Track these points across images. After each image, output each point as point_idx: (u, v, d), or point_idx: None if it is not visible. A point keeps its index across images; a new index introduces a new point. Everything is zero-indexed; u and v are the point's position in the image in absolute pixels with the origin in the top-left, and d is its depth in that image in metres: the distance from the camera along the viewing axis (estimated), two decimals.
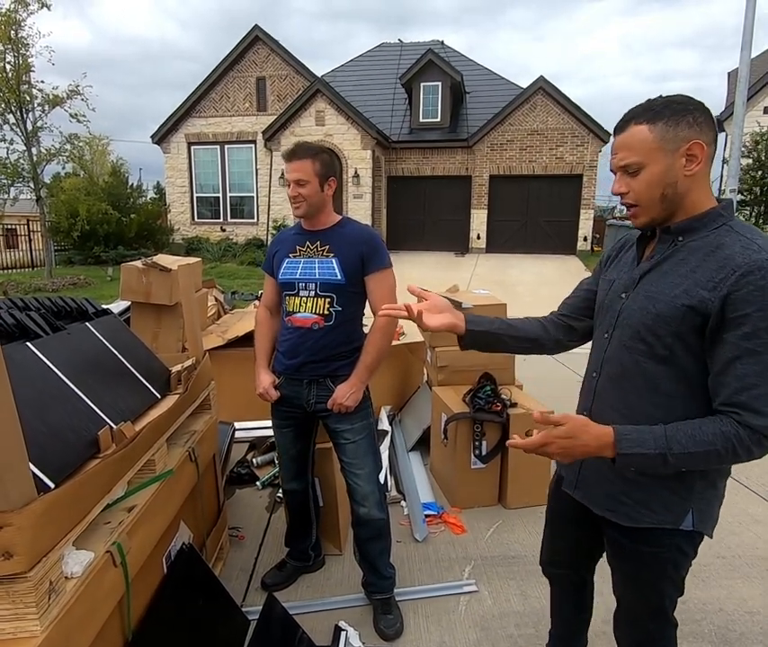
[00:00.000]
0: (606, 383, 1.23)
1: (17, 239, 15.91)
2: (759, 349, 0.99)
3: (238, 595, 2.15)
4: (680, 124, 1.06)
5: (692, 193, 1.10)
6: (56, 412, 1.52)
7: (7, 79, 9.14)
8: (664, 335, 1.10)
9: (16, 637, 1.08)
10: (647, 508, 1.17)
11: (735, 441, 1.00)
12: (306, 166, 1.85)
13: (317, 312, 1.90)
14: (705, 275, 1.05)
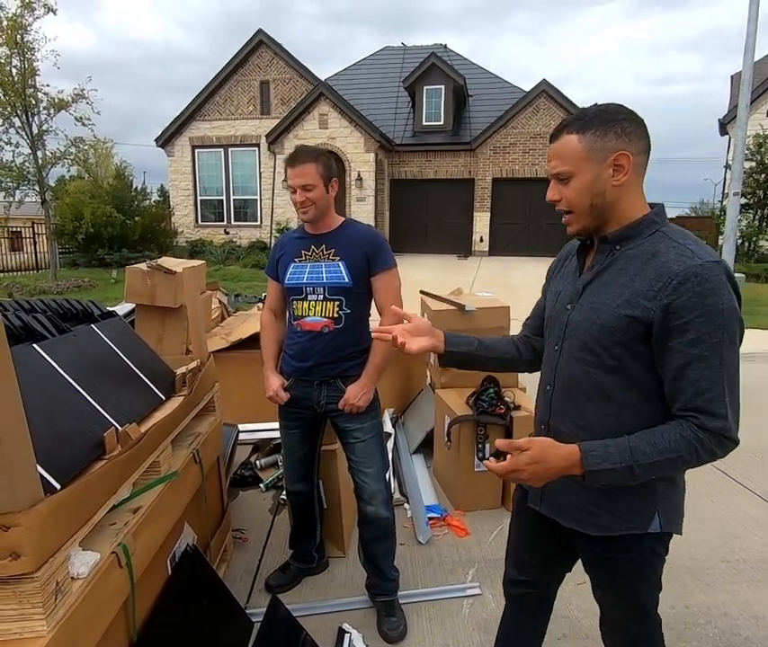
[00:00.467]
0: (560, 395, 1.23)
1: (22, 242, 16.00)
2: (706, 353, 1.01)
3: (242, 597, 2.16)
4: (608, 134, 1.07)
5: (623, 202, 1.11)
6: (62, 414, 1.53)
7: (13, 83, 9.21)
8: (610, 346, 1.11)
9: (23, 637, 1.08)
10: (615, 515, 1.17)
11: (696, 445, 1.02)
12: (310, 170, 1.86)
13: (327, 315, 1.92)
14: (644, 284, 1.06)
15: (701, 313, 1.00)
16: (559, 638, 1.98)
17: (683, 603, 2.13)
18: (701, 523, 2.71)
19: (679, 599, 2.15)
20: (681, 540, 2.57)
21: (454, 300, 3.33)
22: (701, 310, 1.00)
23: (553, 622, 2.03)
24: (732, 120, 11.92)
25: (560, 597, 2.17)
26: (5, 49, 9.15)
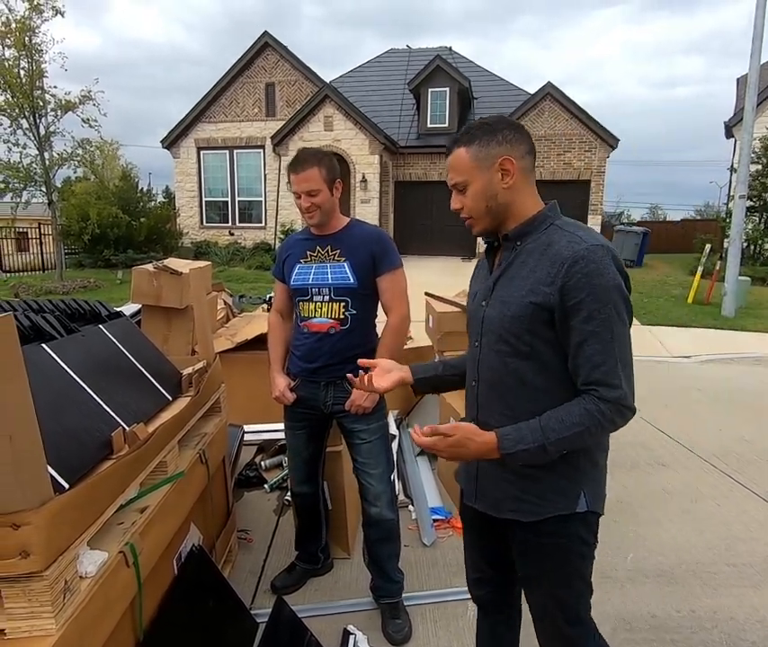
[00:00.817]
0: (485, 389, 1.29)
1: (28, 242, 16.10)
2: (598, 329, 1.09)
3: (247, 597, 2.16)
4: (491, 143, 1.19)
5: (516, 202, 1.22)
6: (70, 413, 1.54)
7: (21, 84, 9.27)
8: (522, 333, 1.18)
9: (32, 635, 1.09)
10: (544, 499, 1.21)
11: (599, 416, 1.10)
12: (314, 174, 1.87)
13: (333, 316, 1.93)
14: (543, 272, 1.15)
15: (590, 292, 1.09)
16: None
17: (689, 607, 2.12)
18: (706, 526, 2.70)
19: (684, 603, 2.14)
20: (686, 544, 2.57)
21: (459, 302, 3.33)
22: (589, 289, 1.09)
23: None
24: (738, 123, 11.87)
25: None
26: (14, 51, 9.24)
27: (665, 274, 13.35)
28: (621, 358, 1.11)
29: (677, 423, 4.14)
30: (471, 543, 1.51)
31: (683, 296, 10.06)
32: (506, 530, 1.30)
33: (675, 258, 16.57)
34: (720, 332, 7.69)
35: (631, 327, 1.17)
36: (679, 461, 3.49)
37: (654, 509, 2.89)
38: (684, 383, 5.31)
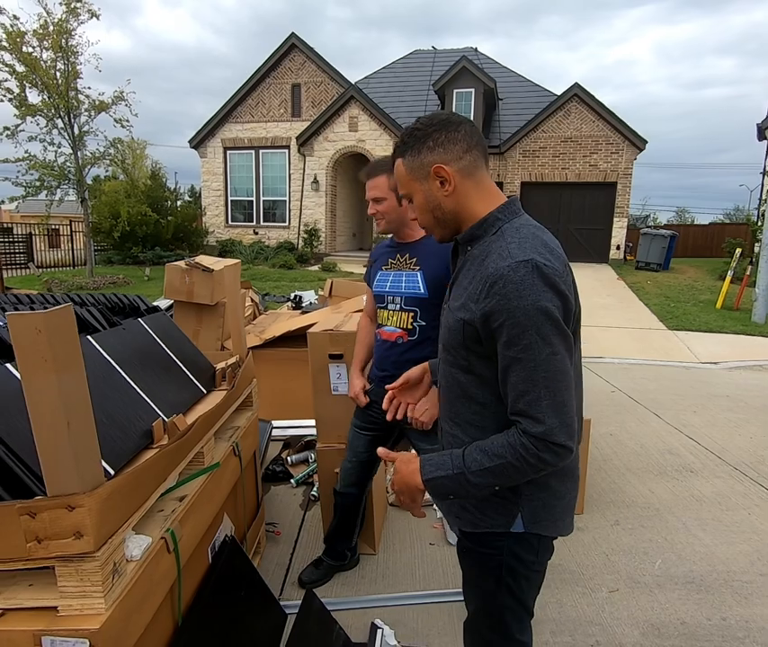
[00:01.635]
0: (442, 395, 1.26)
1: (59, 239, 16.54)
2: (520, 355, 0.99)
3: (275, 589, 2.20)
4: (421, 151, 1.09)
5: (465, 207, 1.12)
6: (114, 403, 1.60)
7: (57, 85, 9.56)
8: (457, 346, 1.12)
9: (83, 613, 1.14)
10: (483, 513, 1.18)
11: (521, 450, 1.00)
12: (381, 182, 1.88)
13: (402, 326, 1.91)
14: (476, 287, 1.05)
15: (508, 315, 0.98)
16: (593, 645, 1.96)
17: (720, 615, 2.09)
18: (737, 535, 2.66)
19: (716, 612, 2.12)
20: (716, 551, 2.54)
21: None
22: (507, 313, 0.98)
23: (585, 629, 2.04)
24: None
25: (593, 603, 2.19)
26: (51, 53, 9.51)
27: (692, 279, 13.08)
28: (548, 387, 0.98)
29: (706, 430, 4.06)
30: None
31: (711, 302, 9.84)
32: None
33: (704, 262, 16.22)
34: (750, 339, 7.50)
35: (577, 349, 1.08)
36: (708, 468, 3.42)
37: (683, 515, 2.85)
38: (713, 389, 5.20)
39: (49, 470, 1.09)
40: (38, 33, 9.32)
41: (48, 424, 1.06)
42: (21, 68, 9.31)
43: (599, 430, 3.95)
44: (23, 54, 9.20)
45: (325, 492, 2.46)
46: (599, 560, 2.47)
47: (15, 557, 1.13)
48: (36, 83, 9.39)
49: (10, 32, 9.06)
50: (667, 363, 6.18)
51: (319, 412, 2.46)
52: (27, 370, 1.03)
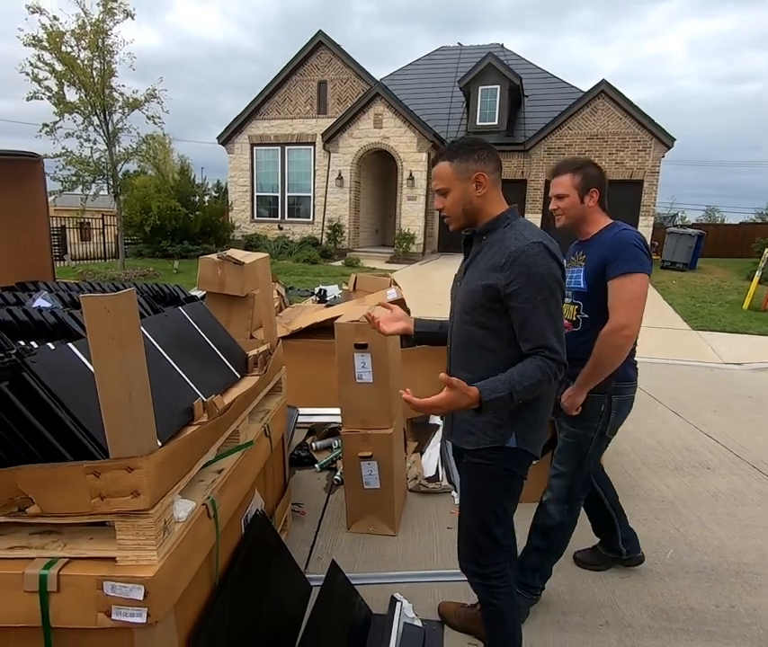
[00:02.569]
0: (455, 350, 1.65)
1: (90, 232, 17.06)
2: (539, 306, 1.42)
3: (301, 563, 2.34)
4: (468, 160, 1.52)
5: (486, 206, 1.55)
6: (158, 382, 1.73)
7: (94, 84, 9.90)
8: (478, 307, 1.53)
9: (138, 564, 1.28)
10: (485, 433, 1.57)
11: (548, 370, 1.43)
12: (565, 181, 1.98)
13: (568, 317, 2.04)
14: (495, 260, 1.48)
15: (528, 279, 1.42)
16: (602, 625, 2.05)
17: (729, 603, 2.16)
18: (752, 530, 2.70)
19: (724, 599, 2.18)
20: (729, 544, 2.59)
21: None
22: (527, 277, 1.42)
23: (595, 610, 2.14)
24: None
25: (604, 588, 2.28)
26: (88, 53, 9.85)
27: (719, 279, 12.85)
28: (556, 327, 1.46)
29: (725, 429, 4.08)
30: None
31: (738, 302, 9.69)
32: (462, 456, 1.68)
33: (732, 263, 15.88)
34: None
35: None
36: (726, 465, 3.46)
37: (698, 509, 2.90)
38: (735, 390, 5.18)
39: (113, 435, 1.24)
40: (76, 33, 9.67)
41: (113, 394, 1.21)
42: (60, 67, 9.68)
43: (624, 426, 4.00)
44: (62, 53, 9.56)
45: (348, 474, 2.59)
46: None
47: (81, 512, 1.29)
48: (74, 81, 9.75)
49: (50, 33, 9.43)
50: (690, 363, 6.15)
51: (344, 399, 2.59)
52: (97, 346, 1.18)
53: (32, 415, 1.33)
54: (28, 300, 2.04)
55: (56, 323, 1.75)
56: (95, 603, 1.25)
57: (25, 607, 1.25)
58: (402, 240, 14.96)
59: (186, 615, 1.46)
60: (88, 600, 1.25)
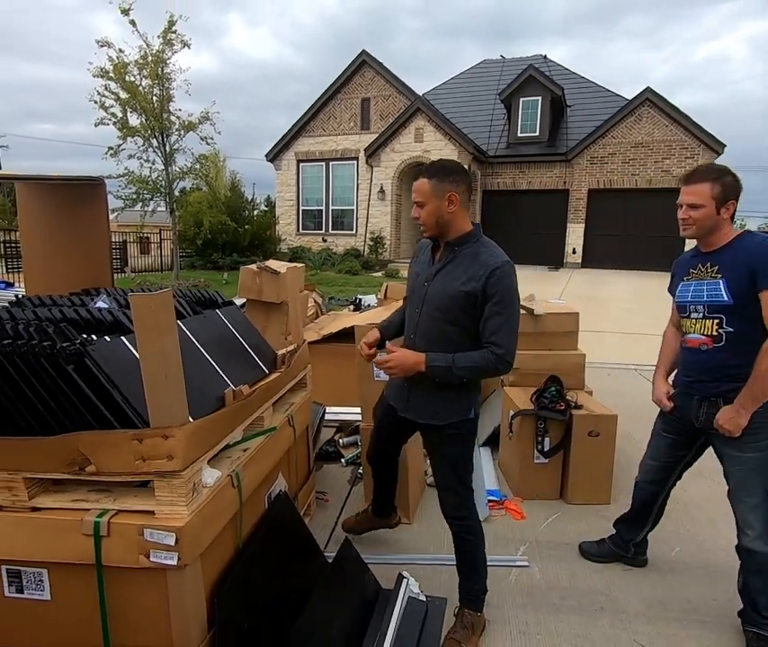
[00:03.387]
0: (421, 341, 1.93)
1: (149, 246, 18.17)
2: (501, 310, 1.75)
3: (320, 543, 2.56)
4: (444, 181, 1.80)
5: (455, 221, 1.84)
6: (194, 372, 2.02)
7: (153, 109, 10.72)
8: (453, 308, 1.83)
9: (172, 516, 1.55)
10: (451, 410, 1.93)
11: (489, 360, 1.76)
12: (702, 189, 1.88)
13: (705, 333, 1.95)
14: (474, 272, 1.78)
15: (501, 289, 1.75)
16: (596, 610, 2.18)
17: (727, 597, 2.21)
18: None
19: (723, 594, 2.25)
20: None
21: (525, 305, 3.56)
22: (501, 288, 1.75)
23: (592, 597, 2.27)
24: None
25: (604, 578, 2.41)
26: (149, 81, 10.70)
27: None
28: (510, 331, 1.77)
29: None
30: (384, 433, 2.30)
31: None
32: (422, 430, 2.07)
33: None
34: None
35: None
36: None
37: (711, 512, 2.94)
38: None
39: (153, 408, 1.52)
40: (138, 63, 10.53)
41: (153, 374, 1.49)
42: (124, 95, 10.55)
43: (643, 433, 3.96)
44: (126, 82, 10.41)
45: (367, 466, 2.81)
46: None
47: (127, 471, 1.57)
48: (136, 107, 10.60)
49: (116, 64, 10.31)
50: None
51: (364, 396, 2.82)
52: (141, 334, 1.46)
53: (91, 392, 1.63)
54: (90, 302, 2.39)
55: (112, 320, 2.07)
56: (137, 547, 1.53)
57: (83, 548, 1.54)
58: None
59: (212, 568, 1.72)
60: (131, 544, 1.53)
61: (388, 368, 1.89)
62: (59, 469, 1.59)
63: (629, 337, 7.36)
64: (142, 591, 1.58)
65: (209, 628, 1.67)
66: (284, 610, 2.00)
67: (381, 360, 1.90)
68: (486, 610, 2.17)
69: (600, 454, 2.96)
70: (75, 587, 1.60)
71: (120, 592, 1.58)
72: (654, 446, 2.31)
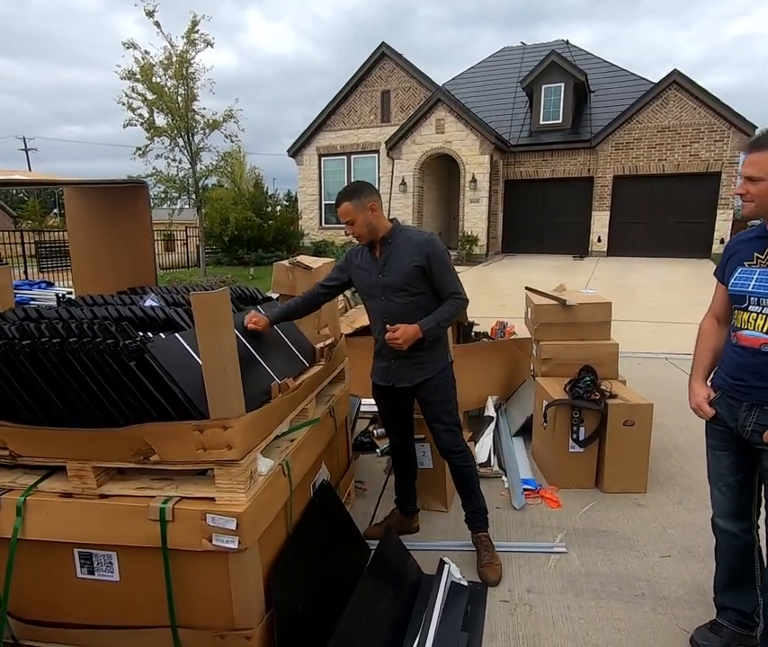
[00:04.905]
0: (395, 319, 2.25)
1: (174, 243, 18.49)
2: (445, 270, 2.27)
3: (361, 531, 2.64)
4: (361, 197, 2.24)
5: (381, 223, 2.29)
6: (243, 367, 2.10)
7: (178, 108, 10.91)
8: (411, 282, 2.25)
9: (231, 502, 1.64)
10: (434, 364, 2.36)
11: (457, 305, 2.29)
12: (762, 160, 1.58)
13: (763, 330, 1.65)
14: (413, 250, 2.24)
15: (438, 254, 2.24)
16: (637, 595, 2.21)
17: None
18: None
19: None
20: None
21: (557, 296, 3.58)
22: (437, 253, 2.24)
23: (632, 583, 2.30)
24: None
25: (643, 565, 2.43)
26: (174, 81, 10.88)
27: None
28: (455, 279, 2.30)
29: None
30: (389, 412, 2.59)
31: None
32: (415, 390, 2.40)
33: None
34: None
35: None
36: None
37: None
38: None
39: (213, 400, 1.61)
40: (163, 64, 10.72)
41: (213, 368, 1.57)
42: (150, 96, 10.76)
43: (675, 422, 4.02)
44: (152, 83, 10.61)
45: None
46: (656, 531, 2.66)
47: (189, 460, 1.66)
48: (162, 107, 10.80)
49: (143, 66, 10.52)
50: None
51: None
52: (202, 331, 1.55)
53: (152, 386, 1.72)
54: (140, 301, 2.49)
55: (164, 318, 2.17)
56: (200, 531, 1.62)
57: (150, 532, 1.64)
58: (465, 242, 15.08)
59: (268, 551, 1.80)
60: (195, 528, 1.63)
61: (394, 340, 2.20)
62: (126, 458, 1.69)
63: (659, 325, 7.27)
64: (205, 573, 1.67)
65: (267, 609, 1.76)
66: (333, 594, 2.09)
67: (391, 336, 2.20)
68: (527, 595, 2.23)
69: (635, 443, 2.97)
70: (142, 569, 1.70)
71: (184, 574, 1.68)
72: (715, 470, 1.90)
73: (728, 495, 1.86)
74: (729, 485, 1.85)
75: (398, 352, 2.26)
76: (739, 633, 1.91)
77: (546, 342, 3.45)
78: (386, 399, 2.53)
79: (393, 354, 2.32)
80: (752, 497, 1.85)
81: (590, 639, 2.00)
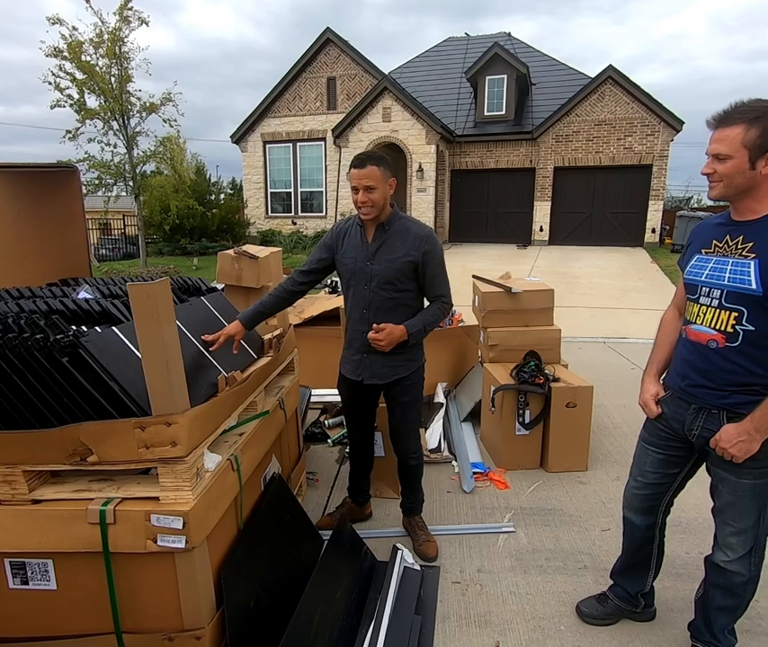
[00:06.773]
0: (376, 312, 2.19)
1: (110, 232, 17.59)
2: (439, 271, 2.19)
3: (314, 521, 2.62)
4: (387, 169, 2.10)
5: (387, 204, 2.15)
6: (187, 360, 2.03)
7: (112, 90, 10.31)
8: (401, 277, 2.15)
9: (177, 501, 1.58)
10: (408, 363, 2.28)
11: (443, 309, 2.21)
12: (732, 136, 1.43)
13: (718, 327, 1.53)
14: (410, 244, 2.13)
15: (435, 253, 2.15)
16: (580, 568, 2.31)
17: (698, 551, 2.39)
18: None
19: (695, 548, 2.42)
20: (708, 504, 2.81)
21: (502, 284, 3.66)
22: (434, 252, 2.15)
23: (576, 556, 2.40)
24: None
25: (586, 539, 2.54)
26: (106, 60, 10.27)
27: None
28: (446, 282, 2.22)
29: None
30: (355, 410, 2.52)
31: None
32: (385, 389, 2.34)
33: None
34: None
35: None
36: None
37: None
38: None
39: (154, 395, 1.54)
40: (94, 42, 10.09)
41: (154, 362, 1.50)
42: (80, 76, 10.11)
43: (613, 402, 4.23)
44: (82, 62, 9.98)
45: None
46: (596, 506, 2.80)
47: (131, 459, 1.58)
48: (94, 88, 10.18)
49: (70, 43, 9.85)
50: None
51: None
52: (140, 324, 1.47)
53: (87, 383, 1.63)
54: (72, 293, 2.35)
55: (100, 310, 2.05)
56: (144, 532, 1.55)
57: (89, 536, 1.56)
58: None
59: (217, 549, 1.75)
60: (139, 530, 1.55)
61: (378, 342, 2.10)
62: (60, 460, 1.59)
63: (597, 311, 7.62)
64: (151, 575, 1.61)
65: (218, 607, 1.71)
66: (287, 586, 2.06)
67: (375, 337, 2.10)
68: (478, 575, 2.29)
69: (577, 423, 3.10)
70: (82, 575, 1.62)
71: (128, 577, 1.61)
72: (638, 463, 1.87)
73: (642, 490, 1.86)
74: (647, 480, 1.83)
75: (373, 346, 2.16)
76: (623, 607, 2.02)
77: (493, 329, 3.53)
78: (352, 393, 2.42)
79: (367, 347, 2.20)
80: (664, 497, 1.86)
81: (537, 613, 2.08)
